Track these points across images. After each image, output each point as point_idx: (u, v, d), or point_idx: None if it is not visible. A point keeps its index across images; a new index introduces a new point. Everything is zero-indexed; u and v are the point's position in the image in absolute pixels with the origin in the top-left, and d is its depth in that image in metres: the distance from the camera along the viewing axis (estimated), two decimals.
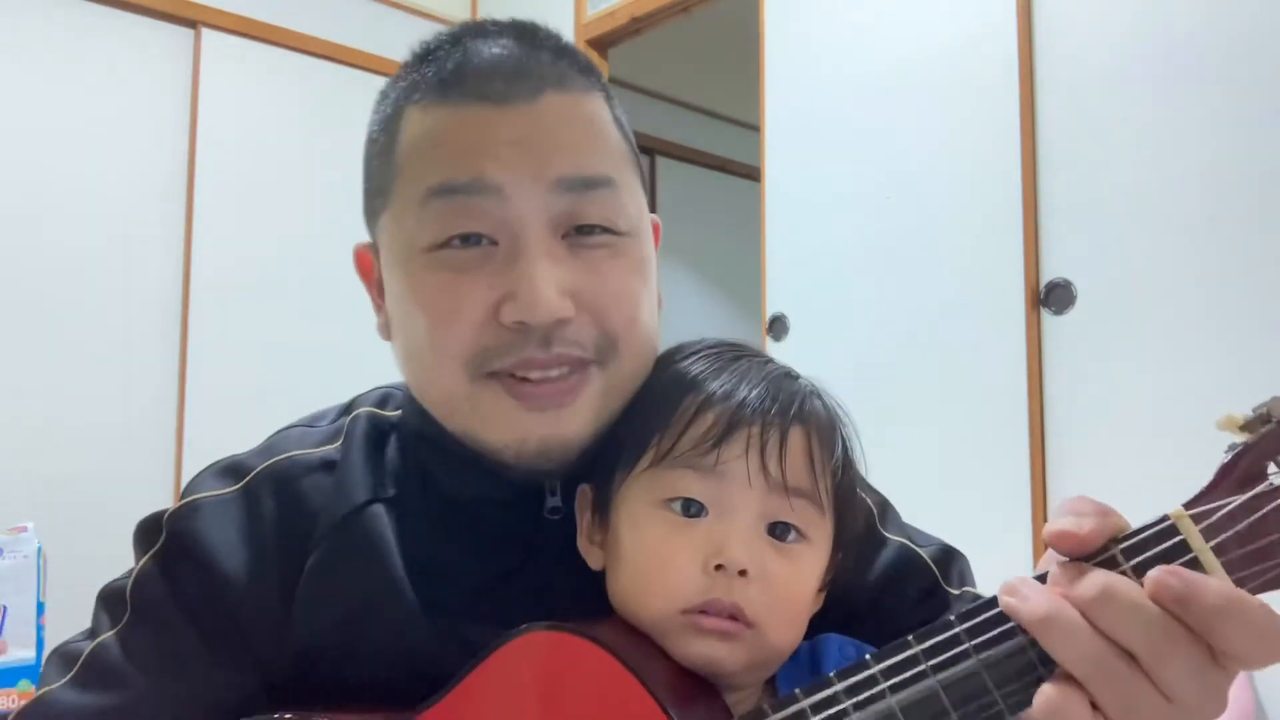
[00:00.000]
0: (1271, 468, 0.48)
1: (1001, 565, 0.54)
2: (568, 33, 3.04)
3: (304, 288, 2.87)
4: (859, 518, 0.65)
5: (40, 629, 1.50)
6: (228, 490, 0.66)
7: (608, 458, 0.62)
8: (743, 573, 0.56)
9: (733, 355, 0.63)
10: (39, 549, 1.53)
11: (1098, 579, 0.46)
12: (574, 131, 0.61)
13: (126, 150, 2.68)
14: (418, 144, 0.62)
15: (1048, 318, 1.96)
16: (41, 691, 0.62)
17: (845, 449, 0.63)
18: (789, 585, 0.58)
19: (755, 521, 0.58)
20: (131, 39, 2.71)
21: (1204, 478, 0.50)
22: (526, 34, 0.64)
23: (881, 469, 0.82)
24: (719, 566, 0.56)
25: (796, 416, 0.59)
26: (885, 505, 0.75)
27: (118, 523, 0.68)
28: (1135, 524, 0.49)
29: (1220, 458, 0.49)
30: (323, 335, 2.85)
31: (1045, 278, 1.97)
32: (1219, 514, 0.47)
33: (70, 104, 2.59)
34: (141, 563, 0.65)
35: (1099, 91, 1.92)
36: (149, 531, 0.66)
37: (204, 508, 0.65)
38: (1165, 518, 0.48)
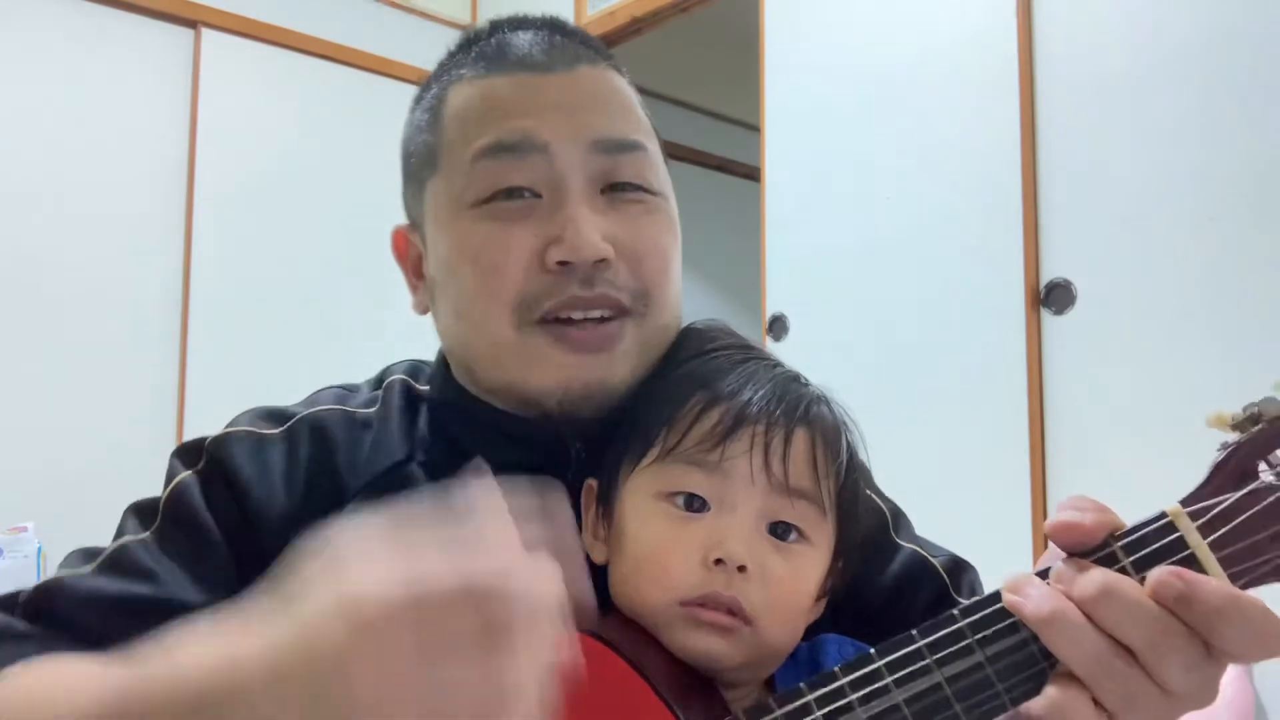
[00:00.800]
0: (1263, 466, 0.49)
1: (1002, 565, 0.54)
2: None
3: (304, 288, 2.86)
4: (862, 524, 0.65)
5: None
6: (270, 431, 0.68)
7: (614, 452, 0.63)
8: (742, 569, 0.56)
9: (742, 357, 0.64)
10: (39, 549, 1.53)
11: (1098, 577, 0.47)
12: (608, 100, 0.67)
13: (126, 150, 2.68)
14: (465, 110, 0.66)
15: (1048, 318, 1.96)
16: (60, 576, 0.62)
17: (850, 455, 0.63)
18: (787, 584, 0.58)
19: (756, 519, 0.58)
20: (131, 39, 2.71)
21: (1200, 479, 0.50)
22: (558, 25, 0.71)
23: (881, 469, 0.82)
24: (718, 561, 0.56)
25: (801, 418, 0.60)
26: (899, 514, 0.76)
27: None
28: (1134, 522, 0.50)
29: (1213, 455, 0.51)
30: (323, 335, 2.85)
31: (1045, 278, 1.97)
32: (1214, 511, 0.48)
33: (70, 104, 2.59)
34: (180, 477, 0.66)
35: (1099, 91, 1.92)
36: (190, 453, 0.68)
37: (246, 441, 0.67)
38: (1163, 514, 0.49)
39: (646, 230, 0.66)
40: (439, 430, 0.70)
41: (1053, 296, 1.95)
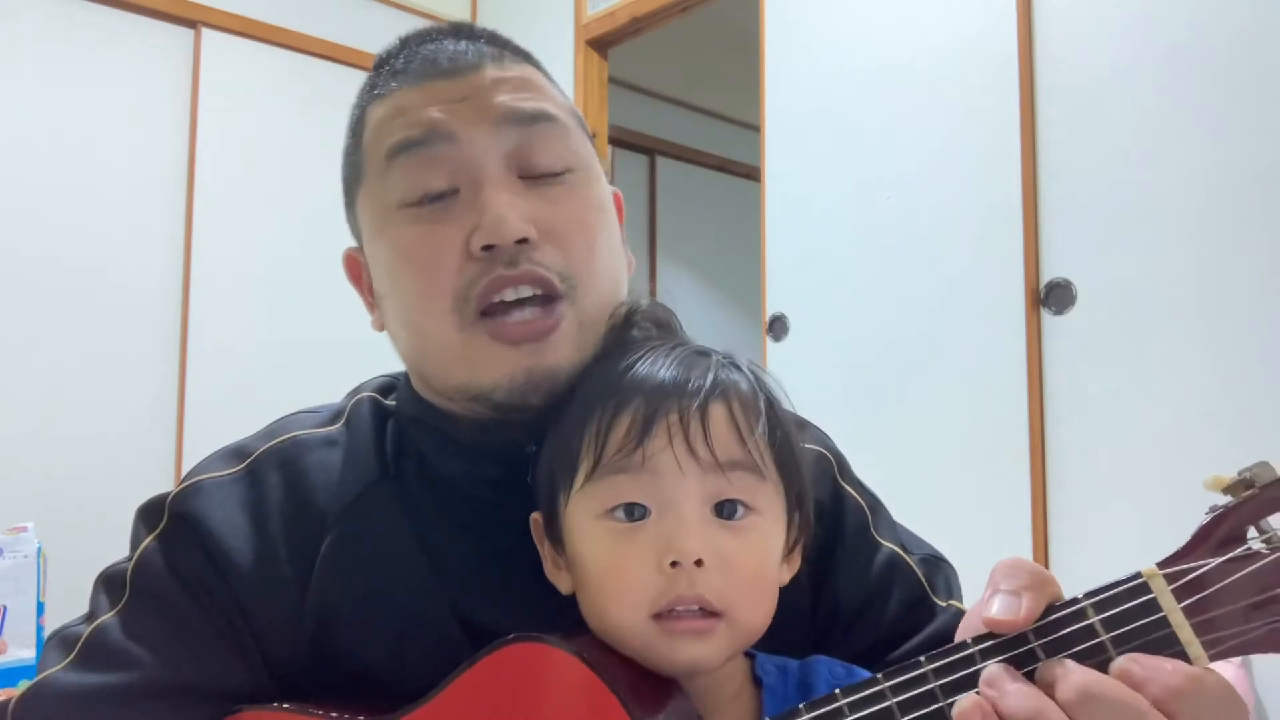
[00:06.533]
0: (1251, 532, 0.48)
1: None
2: (568, 32, 3.05)
3: (304, 287, 2.87)
4: (806, 471, 0.64)
5: (40, 629, 1.50)
6: (231, 471, 0.67)
7: (546, 482, 0.62)
8: (699, 562, 0.55)
9: (641, 347, 0.62)
10: (39, 549, 1.53)
11: (1076, 681, 0.46)
12: (512, 83, 0.67)
13: (126, 150, 2.68)
14: (379, 123, 0.68)
15: (1048, 318, 1.96)
16: (42, 676, 0.62)
17: (770, 405, 0.61)
18: (748, 562, 0.58)
19: (699, 507, 0.57)
20: (131, 39, 2.71)
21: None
22: (464, 31, 0.72)
23: (881, 469, 0.82)
24: (674, 563, 0.55)
25: (711, 390, 0.58)
26: (877, 507, 0.75)
27: (118, 523, 0.68)
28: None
29: (1201, 517, 0.49)
30: (323, 335, 2.85)
31: (1045, 278, 1.97)
32: (1192, 575, 0.47)
33: (70, 104, 2.59)
34: (143, 544, 0.65)
35: (1099, 91, 1.92)
36: (151, 513, 0.67)
37: (207, 488, 0.66)
38: (1138, 575, 0.48)
39: (568, 209, 0.65)
40: (405, 445, 0.70)
41: (1053, 296, 1.95)
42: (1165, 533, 0.50)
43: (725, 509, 0.58)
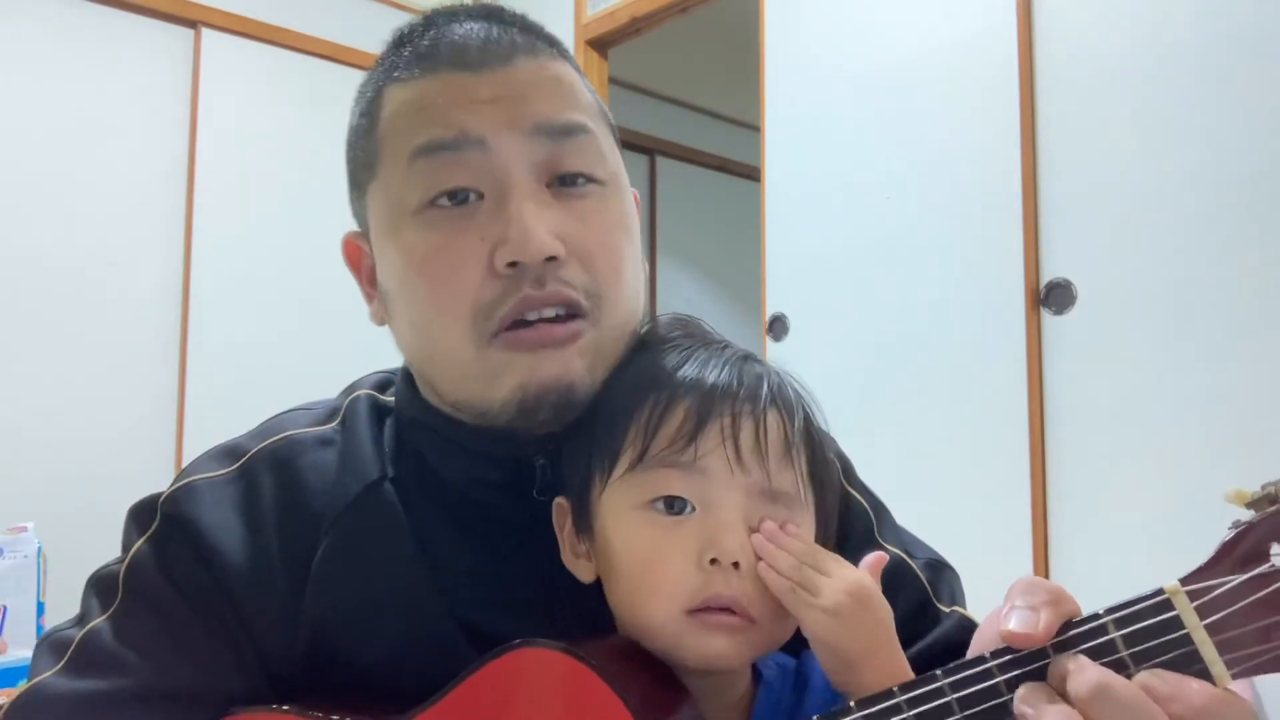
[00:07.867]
0: (1275, 548, 0.47)
1: (1000, 566, 0.54)
2: (568, 32, 3.05)
3: (304, 287, 2.87)
4: (836, 488, 0.65)
5: (40, 629, 1.51)
6: (224, 471, 0.66)
7: (581, 467, 0.61)
8: (736, 564, 0.56)
9: (688, 344, 0.63)
10: (39, 549, 1.53)
11: (1090, 677, 0.46)
12: (547, 87, 0.64)
13: (126, 150, 2.68)
14: (400, 113, 0.64)
15: (1048, 318, 1.96)
16: (33, 681, 0.61)
17: (810, 423, 0.62)
18: None
19: (742, 511, 0.58)
20: (131, 39, 2.72)
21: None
22: (494, 14, 0.67)
23: (881, 469, 0.82)
24: (713, 561, 0.56)
25: (765, 399, 0.59)
26: (881, 511, 0.75)
27: (118, 523, 0.67)
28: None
29: (1223, 533, 0.48)
30: (323, 335, 2.85)
31: (1045, 278, 1.97)
32: (1215, 592, 0.46)
33: (70, 104, 2.59)
34: (135, 546, 0.64)
35: (1099, 91, 1.92)
36: (142, 514, 0.65)
37: (200, 489, 0.64)
38: (1160, 591, 0.47)
39: (596, 226, 0.63)
40: (405, 445, 0.68)
41: (1053, 296, 1.95)
42: (1165, 533, 0.50)
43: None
